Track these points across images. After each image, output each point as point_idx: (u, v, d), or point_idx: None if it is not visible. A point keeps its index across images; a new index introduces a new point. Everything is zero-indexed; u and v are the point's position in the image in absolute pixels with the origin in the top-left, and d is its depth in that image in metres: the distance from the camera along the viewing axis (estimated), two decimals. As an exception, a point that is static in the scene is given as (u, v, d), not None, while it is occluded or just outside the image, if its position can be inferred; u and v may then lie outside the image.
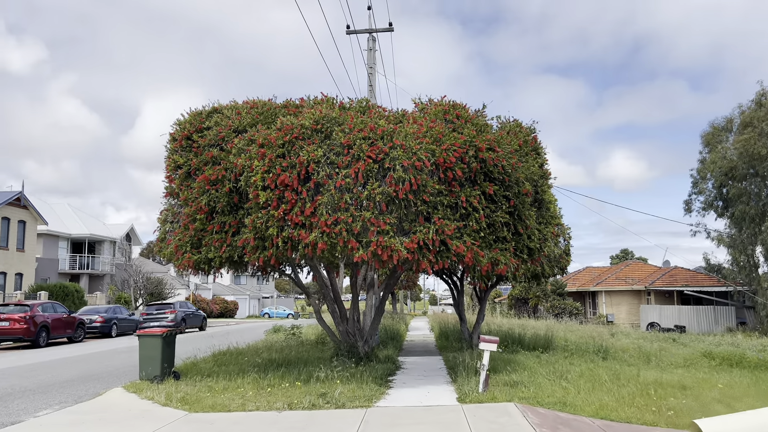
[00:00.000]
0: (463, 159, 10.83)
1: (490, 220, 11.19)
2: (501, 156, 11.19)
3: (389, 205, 10.47)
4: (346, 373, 11.84)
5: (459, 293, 20.05)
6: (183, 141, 12.15)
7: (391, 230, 10.31)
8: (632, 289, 47.89)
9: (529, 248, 12.19)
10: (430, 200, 10.53)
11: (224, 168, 11.11)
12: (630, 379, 13.26)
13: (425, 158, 10.37)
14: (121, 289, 48.62)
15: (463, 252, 10.56)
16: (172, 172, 12.15)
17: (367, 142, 10.45)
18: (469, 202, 10.86)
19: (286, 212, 10.32)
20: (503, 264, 11.27)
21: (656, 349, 21.79)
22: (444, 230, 10.46)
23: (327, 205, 10.26)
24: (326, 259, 10.83)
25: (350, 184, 10.28)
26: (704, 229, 42.66)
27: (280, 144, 10.57)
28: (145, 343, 12.28)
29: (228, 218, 11.23)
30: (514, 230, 11.73)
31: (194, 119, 12.29)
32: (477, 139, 11.00)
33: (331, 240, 10.21)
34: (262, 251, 10.75)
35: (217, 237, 11.29)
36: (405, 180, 10.22)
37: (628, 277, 51.10)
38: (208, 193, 11.22)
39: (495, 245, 11.44)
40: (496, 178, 11.27)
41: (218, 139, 11.61)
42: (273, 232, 10.32)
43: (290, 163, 10.40)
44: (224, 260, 11.38)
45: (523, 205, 11.66)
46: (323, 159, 10.41)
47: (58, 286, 39.69)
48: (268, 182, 10.34)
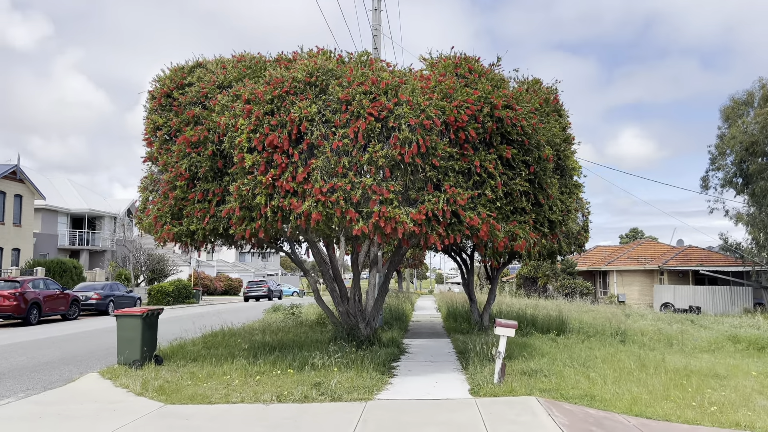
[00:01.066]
0: (477, 118, 9.47)
1: (508, 189, 9.86)
2: (520, 115, 9.81)
3: (393, 170, 9.15)
4: (345, 359, 10.64)
5: (468, 272, 18.78)
6: (162, 99, 10.82)
7: (395, 199, 9.01)
8: (645, 269, 46.66)
9: (551, 221, 10.87)
10: (440, 165, 9.21)
11: (207, 128, 9.79)
12: (657, 366, 12.06)
13: (434, 116, 9.02)
14: (122, 266, 47.69)
15: (477, 225, 9.26)
16: (150, 134, 10.85)
17: (369, 97, 9.09)
18: (484, 167, 9.53)
19: (276, 178, 9.02)
20: (522, 238, 9.96)
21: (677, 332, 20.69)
22: (456, 199, 9.15)
23: (322, 170, 8.96)
24: (321, 232, 9.56)
25: (349, 145, 8.96)
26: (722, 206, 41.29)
27: (268, 99, 9.22)
28: (124, 324, 11.11)
29: (211, 185, 9.94)
30: (534, 200, 10.40)
31: (175, 75, 10.94)
32: (493, 95, 9.62)
33: (326, 210, 8.93)
34: (248, 223, 9.48)
35: (199, 207, 10.02)
36: (412, 141, 8.88)
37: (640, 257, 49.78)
38: (189, 157, 9.93)
39: (512, 217, 10.13)
40: (515, 141, 9.91)
41: (200, 96, 10.27)
42: (261, 201, 9.04)
43: (280, 121, 9.07)
44: (208, 233, 10.12)
45: (544, 171, 10.31)
46: (318, 117, 9.07)
47: (55, 261, 38.75)
48: (255, 143, 9.03)
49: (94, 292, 30.74)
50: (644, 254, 50.01)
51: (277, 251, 14.91)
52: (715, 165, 41.70)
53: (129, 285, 43.09)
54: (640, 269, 46.94)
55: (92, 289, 31.54)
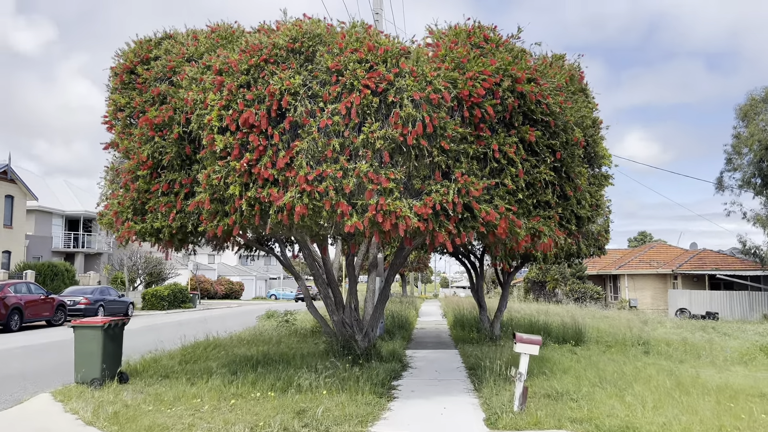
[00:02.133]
0: (495, 93, 7.90)
1: (530, 178, 8.29)
2: (545, 91, 8.24)
3: (394, 154, 7.60)
4: (337, 378, 9.08)
5: (478, 276, 17.18)
6: (125, 76, 9.29)
7: (396, 189, 7.46)
8: (657, 273, 45.05)
9: (578, 217, 9.28)
10: (450, 149, 7.64)
11: (173, 107, 8.25)
12: (693, 383, 10.49)
13: (444, 89, 7.47)
14: (118, 269, 46.27)
15: (494, 220, 7.69)
16: (111, 116, 9.32)
17: (364, 66, 7.54)
18: (503, 152, 7.96)
19: (252, 164, 7.48)
20: (547, 237, 8.39)
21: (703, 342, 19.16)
22: (469, 190, 7.59)
23: (308, 154, 7.42)
24: (308, 229, 8.01)
25: (340, 124, 7.41)
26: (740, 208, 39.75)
27: (243, 70, 7.68)
28: (82, 337, 9.57)
29: (178, 175, 8.41)
30: (560, 192, 8.81)
31: (140, 48, 9.39)
32: (514, 67, 8.05)
33: (313, 202, 7.38)
34: (221, 218, 7.94)
35: (164, 200, 8.48)
36: (416, 119, 7.33)
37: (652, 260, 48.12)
38: (152, 142, 8.39)
39: (535, 212, 8.55)
40: (538, 121, 8.33)
41: (167, 70, 8.73)
42: (234, 192, 7.49)
43: (257, 95, 7.52)
44: (175, 230, 8.58)
45: (572, 158, 8.73)
46: (302, 90, 7.52)
47: (46, 264, 37.29)
48: (227, 122, 7.49)
49: (83, 297, 29.27)
50: (656, 258, 48.35)
51: (268, 253, 13.39)
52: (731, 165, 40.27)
53: (123, 289, 41.64)
54: (653, 273, 45.37)
55: (82, 293, 30.10)
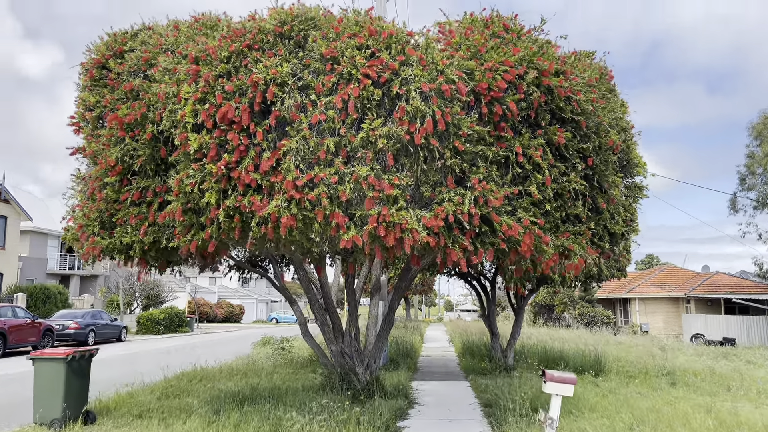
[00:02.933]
0: (519, 87, 6.76)
1: (558, 187, 7.09)
2: (576, 86, 7.09)
3: (399, 156, 6.44)
4: (334, 420, 7.80)
5: (489, 300, 15.88)
6: (95, 71, 8.19)
7: (401, 198, 6.28)
8: (669, 297, 43.61)
9: (611, 233, 8.06)
10: (465, 150, 6.47)
11: (147, 104, 7.12)
12: (738, 424, 9.20)
13: (458, 80, 6.32)
14: (114, 292, 45.01)
15: (517, 236, 6.48)
16: (80, 117, 8.20)
17: (364, 53, 6.41)
18: (528, 156, 6.78)
19: (231, 167, 6.31)
20: (578, 256, 7.17)
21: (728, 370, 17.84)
22: (488, 199, 6.40)
23: (297, 155, 6.25)
24: (297, 244, 6.81)
25: (335, 120, 6.26)
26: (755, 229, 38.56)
27: (223, 57, 6.56)
28: (42, 371, 8.33)
29: (152, 182, 7.24)
30: (592, 204, 7.61)
31: (114, 41, 8.31)
32: (539, 57, 6.92)
33: (303, 212, 6.20)
34: (195, 232, 6.75)
35: (134, 211, 7.31)
36: (425, 115, 6.18)
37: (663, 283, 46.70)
38: (122, 144, 7.25)
39: (564, 227, 7.35)
40: (568, 121, 7.17)
41: (142, 63, 7.62)
42: (210, 200, 6.32)
43: (238, 86, 6.38)
44: (147, 246, 7.39)
45: (606, 165, 7.55)
46: (291, 80, 6.38)
47: (38, 287, 36.08)
48: (203, 118, 6.34)
49: (73, 321, 27.99)
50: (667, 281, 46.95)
51: (261, 275, 12.18)
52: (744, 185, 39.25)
53: (117, 312, 40.35)
54: (665, 297, 43.97)
55: (72, 317, 28.83)
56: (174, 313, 40.17)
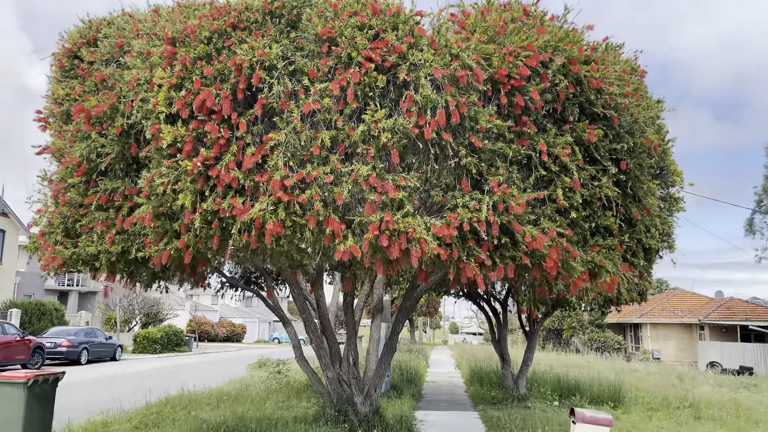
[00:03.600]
0: (543, 77, 5.85)
1: (588, 194, 6.13)
2: (608, 77, 6.17)
3: (406, 154, 5.52)
4: (327, 460, 6.78)
5: (501, 324, 14.81)
6: (66, 61, 7.34)
7: (408, 202, 5.34)
8: (682, 323, 42.30)
9: (646, 248, 7.07)
10: (483, 148, 5.55)
11: (118, 94, 6.24)
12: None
13: (475, 65, 5.42)
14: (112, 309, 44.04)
15: (542, 249, 5.51)
16: (48, 112, 7.33)
17: (367, 34, 5.52)
18: (554, 155, 5.85)
19: (209, 163, 5.40)
20: (610, 274, 6.19)
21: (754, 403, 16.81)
22: (509, 205, 5.45)
23: (286, 151, 5.34)
24: (285, 256, 5.86)
25: (332, 111, 5.35)
26: (775, 252, 37.46)
27: (203, 38, 5.68)
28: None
29: (121, 183, 6.32)
30: (625, 215, 6.63)
31: (88, 29, 7.47)
32: (567, 42, 6.02)
33: (292, 218, 5.26)
34: (170, 240, 5.82)
35: (101, 216, 6.38)
36: (437, 105, 5.27)
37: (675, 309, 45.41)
38: (89, 139, 6.36)
39: (593, 240, 6.38)
40: (599, 117, 6.23)
41: (115, 49, 6.75)
42: (185, 203, 5.39)
43: (219, 70, 5.49)
44: (115, 257, 6.45)
45: (641, 170, 6.59)
46: (282, 63, 5.48)
47: (34, 303, 35.18)
48: (178, 107, 5.44)
49: (65, 339, 26.97)
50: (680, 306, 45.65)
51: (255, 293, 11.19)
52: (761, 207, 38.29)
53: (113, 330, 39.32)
54: (677, 322, 42.67)
55: (65, 334, 27.84)
56: (172, 331, 39.03)
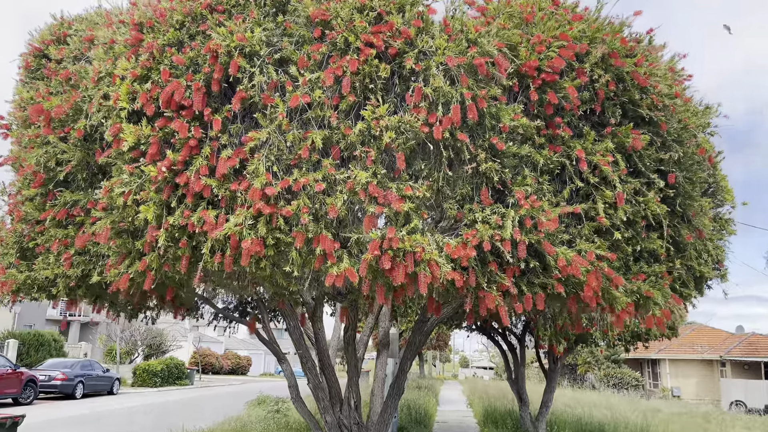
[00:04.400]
0: (579, 72, 4.93)
1: (631, 211, 5.14)
2: (656, 74, 5.24)
3: (413, 158, 4.57)
4: None
5: (518, 361, 13.64)
6: (32, 61, 6.52)
7: (416, 215, 4.38)
8: (702, 359, 40.68)
9: (697, 277, 6.03)
10: (506, 152, 4.60)
11: (83, 93, 5.37)
12: None
13: (497, 52, 4.51)
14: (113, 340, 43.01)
15: (579, 275, 4.51)
16: (11, 117, 6.49)
17: (367, 16, 4.64)
18: (593, 164, 4.89)
19: (177, 169, 4.48)
20: (659, 306, 5.15)
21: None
22: (538, 221, 4.48)
23: (269, 154, 4.41)
24: (269, 282, 4.88)
25: (324, 106, 4.44)
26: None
27: (175, 23, 4.82)
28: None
29: (83, 195, 5.41)
30: (673, 237, 5.62)
31: (60, 26, 6.67)
32: (606, 32, 5.11)
33: (275, 235, 4.32)
34: (132, 262, 4.87)
35: (58, 234, 5.46)
36: (450, 99, 4.36)
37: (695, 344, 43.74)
38: (48, 145, 5.48)
39: (636, 266, 5.36)
40: (643, 120, 5.28)
41: (85, 44, 5.92)
42: (148, 216, 4.46)
43: (191, 58, 4.61)
44: (75, 282, 5.50)
45: (692, 185, 5.60)
46: (266, 50, 4.60)
47: (32, 334, 34.30)
48: (143, 101, 4.55)
49: (60, 372, 25.94)
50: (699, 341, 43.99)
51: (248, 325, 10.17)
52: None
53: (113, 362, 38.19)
54: (697, 358, 41.07)
55: (61, 366, 26.84)
56: (173, 364, 37.87)
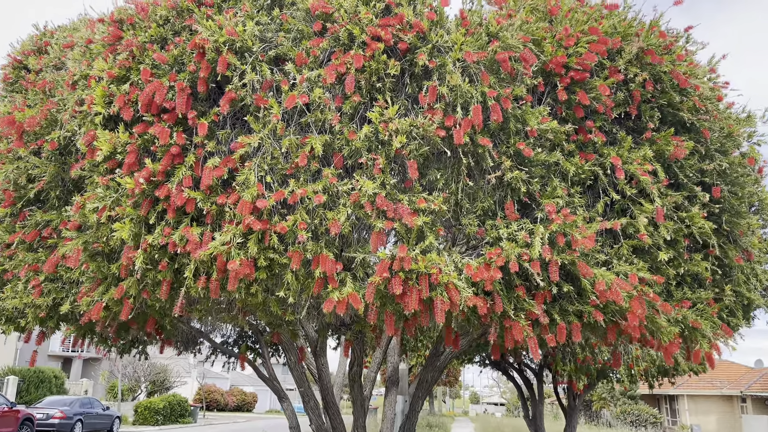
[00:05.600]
0: (611, 70, 4.37)
1: (675, 229, 4.51)
2: (696, 75, 4.68)
3: (428, 166, 4.00)
4: None
5: (536, 399, 12.81)
6: (11, 72, 6.05)
7: (431, 232, 3.78)
8: (722, 394, 39.32)
9: (745, 304, 5.35)
10: (534, 160, 4.01)
11: (59, 102, 4.86)
12: None
13: (521, 46, 3.97)
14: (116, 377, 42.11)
15: (620, 301, 3.87)
16: (-12, 135, 5.99)
17: (374, 8, 4.11)
18: (630, 173, 4.29)
19: (157, 180, 3.91)
20: (708, 339, 4.49)
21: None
22: (571, 238, 3.86)
23: (262, 162, 3.85)
24: (261, 309, 4.24)
25: (325, 108, 3.89)
26: (820, 319, 35.01)
27: (159, 19, 4.31)
28: None
29: (56, 216, 4.84)
30: (719, 260, 4.97)
31: (42, 35, 6.21)
32: (641, 29, 4.57)
33: (267, 255, 3.72)
34: (107, 289, 4.27)
35: (27, 258, 4.88)
36: (469, 100, 3.80)
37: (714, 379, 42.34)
38: (19, 160, 4.95)
39: (679, 292, 4.70)
40: (683, 125, 4.69)
41: (64, 50, 5.43)
42: (124, 234, 3.88)
43: (174, 56, 4.09)
44: (45, 312, 4.90)
45: (739, 200, 4.98)
46: (259, 46, 4.07)
47: (33, 370, 33.56)
48: (119, 105, 4.02)
49: (59, 410, 25.10)
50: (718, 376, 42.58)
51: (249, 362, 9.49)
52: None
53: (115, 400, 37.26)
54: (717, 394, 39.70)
55: (60, 404, 26.01)
56: (176, 401, 36.75)
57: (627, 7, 4.76)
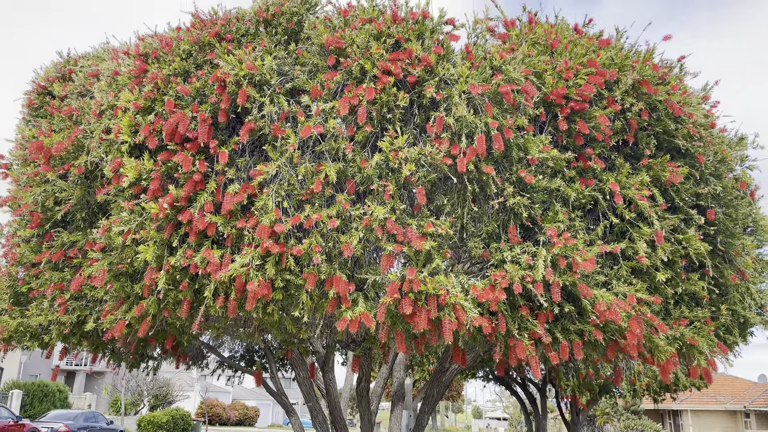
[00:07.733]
0: (609, 100, 4.61)
1: (672, 251, 4.72)
2: (689, 103, 4.92)
3: (435, 192, 4.23)
4: None
5: (539, 414, 12.93)
6: (36, 98, 6.32)
7: (438, 255, 4.00)
8: (725, 409, 39.19)
9: (741, 322, 5.55)
10: (535, 186, 4.25)
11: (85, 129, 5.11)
12: None
13: (523, 79, 4.21)
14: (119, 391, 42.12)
15: (619, 320, 4.08)
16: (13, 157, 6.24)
17: (385, 44, 4.37)
18: (628, 198, 4.51)
19: (180, 206, 4.15)
20: (704, 355, 4.68)
21: None
22: (572, 261, 4.08)
23: (279, 188, 4.09)
24: (277, 328, 4.46)
25: (338, 137, 4.13)
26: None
27: (182, 52, 4.57)
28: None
29: (81, 237, 5.08)
30: (716, 280, 5.18)
31: (66, 62, 6.48)
32: (636, 59, 4.81)
33: (284, 276, 3.94)
34: (129, 307, 4.49)
35: (54, 277, 5.11)
36: (474, 130, 4.04)
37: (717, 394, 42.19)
38: (47, 183, 5.19)
39: (677, 311, 4.91)
40: (678, 151, 4.92)
41: (89, 79, 5.69)
42: (148, 256, 4.11)
43: (197, 88, 4.35)
44: (69, 329, 5.12)
45: (734, 222, 5.19)
46: (276, 79, 4.33)
47: (37, 384, 33.66)
48: (145, 134, 4.27)
49: (63, 423, 25.18)
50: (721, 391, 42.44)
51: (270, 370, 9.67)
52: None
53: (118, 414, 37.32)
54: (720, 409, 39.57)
55: (64, 418, 26.11)
56: (179, 415, 36.75)
57: (620, 47, 5.01)
